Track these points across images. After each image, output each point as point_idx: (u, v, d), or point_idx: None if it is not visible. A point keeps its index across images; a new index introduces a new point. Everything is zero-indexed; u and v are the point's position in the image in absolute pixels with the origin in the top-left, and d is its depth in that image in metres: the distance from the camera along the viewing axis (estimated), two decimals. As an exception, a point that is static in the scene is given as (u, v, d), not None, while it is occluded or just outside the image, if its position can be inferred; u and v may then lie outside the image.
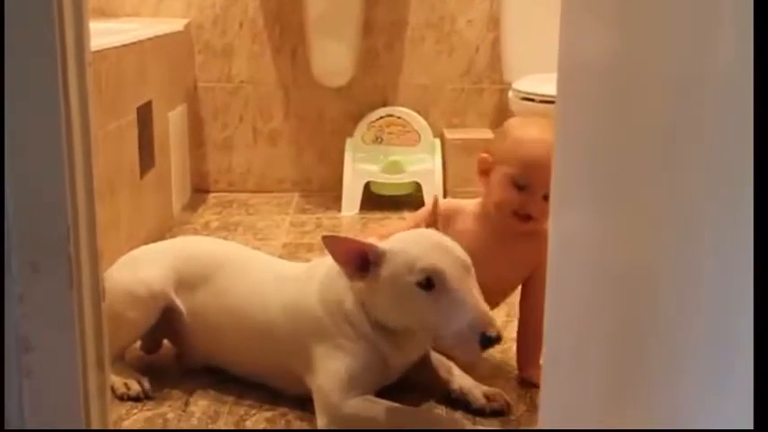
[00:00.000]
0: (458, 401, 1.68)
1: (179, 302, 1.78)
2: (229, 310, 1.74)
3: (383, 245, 1.56)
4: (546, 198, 1.64)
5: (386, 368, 1.63)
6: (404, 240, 1.58)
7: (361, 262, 1.55)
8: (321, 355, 1.61)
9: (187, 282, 1.79)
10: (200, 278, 1.78)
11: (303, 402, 1.64)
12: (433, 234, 1.60)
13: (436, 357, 1.75)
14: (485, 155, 1.77)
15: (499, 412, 1.66)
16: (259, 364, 1.74)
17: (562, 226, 1.00)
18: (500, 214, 1.73)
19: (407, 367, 1.70)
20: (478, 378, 1.78)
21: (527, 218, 1.71)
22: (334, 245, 1.55)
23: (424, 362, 1.74)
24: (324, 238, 1.54)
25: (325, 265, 1.69)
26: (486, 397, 1.67)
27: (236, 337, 1.75)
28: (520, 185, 1.70)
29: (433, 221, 1.66)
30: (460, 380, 1.70)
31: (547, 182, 1.65)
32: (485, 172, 1.76)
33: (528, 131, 1.73)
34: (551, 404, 1.05)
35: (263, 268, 1.79)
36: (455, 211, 1.80)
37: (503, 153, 1.73)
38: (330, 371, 1.59)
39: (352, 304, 1.62)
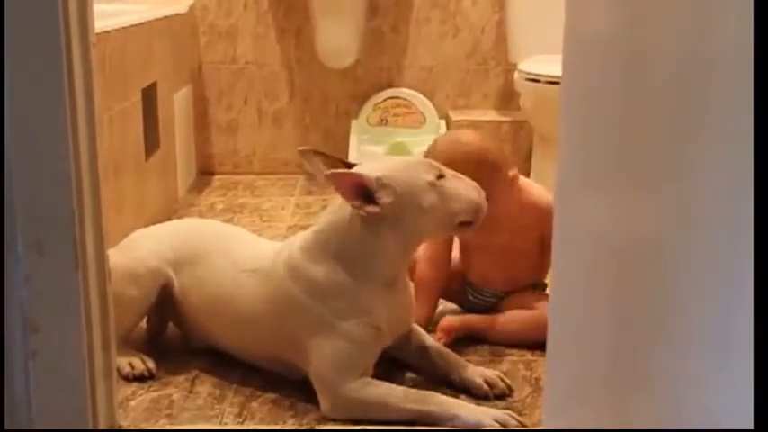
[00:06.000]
0: (461, 389, 1.68)
1: (175, 281, 1.79)
2: (209, 298, 1.75)
3: (370, 173, 1.59)
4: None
5: (380, 336, 1.63)
6: (379, 166, 1.64)
7: (362, 194, 1.58)
8: (313, 341, 1.60)
9: (180, 262, 1.79)
10: (188, 260, 1.78)
11: (308, 384, 1.64)
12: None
13: (435, 348, 1.75)
14: None
15: (502, 395, 1.66)
16: (250, 351, 1.74)
17: (568, 206, 1.00)
18: None
19: (399, 330, 1.70)
20: (482, 362, 1.79)
21: None
22: (340, 181, 1.57)
23: (423, 353, 1.74)
24: (327, 175, 1.56)
25: (288, 248, 1.68)
26: (487, 383, 1.67)
27: (220, 324, 1.75)
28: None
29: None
30: (460, 369, 1.70)
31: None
32: None
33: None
34: (555, 385, 1.05)
35: (241, 255, 1.74)
36: None
37: None
38: (326, 356, 1.58)
39: (336, 274, 1.60)
